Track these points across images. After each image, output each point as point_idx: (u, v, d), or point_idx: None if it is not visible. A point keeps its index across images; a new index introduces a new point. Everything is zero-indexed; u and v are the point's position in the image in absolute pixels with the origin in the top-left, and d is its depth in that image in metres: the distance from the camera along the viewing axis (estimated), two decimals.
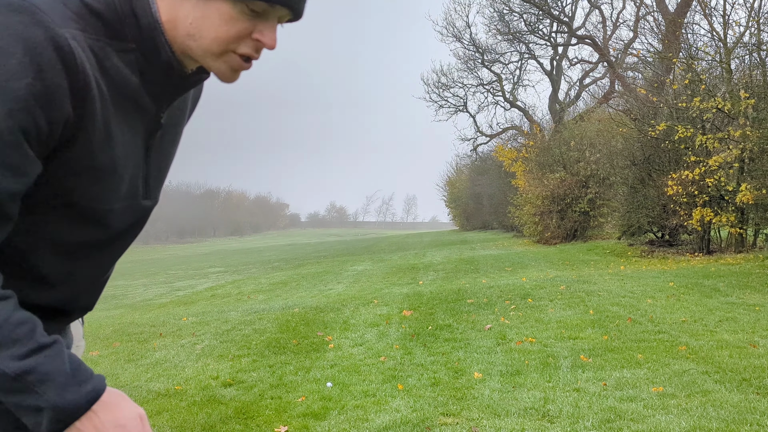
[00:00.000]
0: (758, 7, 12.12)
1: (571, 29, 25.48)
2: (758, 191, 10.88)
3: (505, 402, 3.92)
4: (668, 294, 7.61)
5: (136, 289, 15.22)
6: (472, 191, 35.39)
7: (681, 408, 3.64)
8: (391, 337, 6.08)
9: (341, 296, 9.71)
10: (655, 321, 6.08)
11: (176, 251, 53.66)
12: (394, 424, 3.63)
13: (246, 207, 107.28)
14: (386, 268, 14.92)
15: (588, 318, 6.38)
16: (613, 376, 4.33)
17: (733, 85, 12.26)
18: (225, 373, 5.00)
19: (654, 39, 18.91)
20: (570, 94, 29.42)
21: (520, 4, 25.48)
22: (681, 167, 12.98)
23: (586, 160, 19.92)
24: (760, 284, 8.19)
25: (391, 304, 8.18)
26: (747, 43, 12.37)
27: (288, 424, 3.74)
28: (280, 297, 10.58)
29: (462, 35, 29.89)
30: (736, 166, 12.24)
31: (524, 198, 21.14)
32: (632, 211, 14.73)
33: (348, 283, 12.18)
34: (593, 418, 3.54)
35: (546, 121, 28.59)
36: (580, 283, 9.00)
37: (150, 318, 8.80)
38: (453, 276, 11.83)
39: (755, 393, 3.83)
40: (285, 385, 4.59)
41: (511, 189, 23.95)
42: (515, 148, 24.39)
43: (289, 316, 7.67)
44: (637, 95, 16.00)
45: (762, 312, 6.31)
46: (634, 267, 11.41)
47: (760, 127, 11.40)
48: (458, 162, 41.90)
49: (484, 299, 7.93)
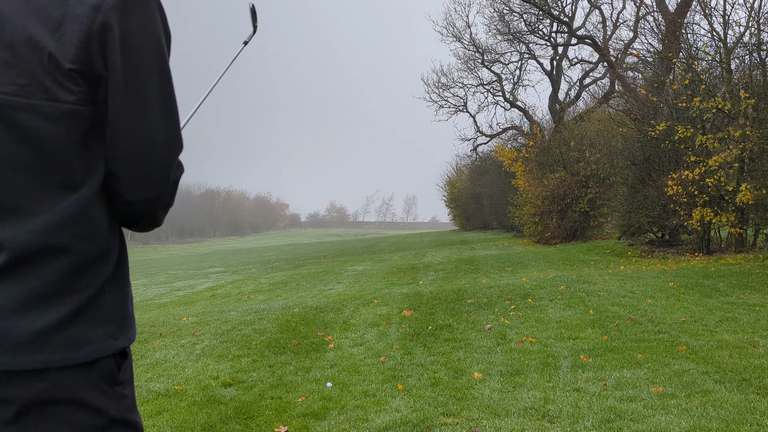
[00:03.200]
0: (758, 7, 12.13)
1: (571, 29, 25.46)
2: (758, 191, 10.89)
3: (505, 402, 3.92)
4: (668, 294, 7.61)
5: (136, 289, 15.22)
6: (472, 191, 35.39)
7: (681, 408, 3.64)
8: (391, 337, 6.08)
9: (341, 296, 9.71)
10: (655, 321, 6.08)
11: (176, 251, 53.68)
12: (394, 424, 3.63)
13: (246, 207, 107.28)
14: (386, 268, 14.93)
15: (588, 318, 6.38)
16: (613, 376, 4.33)
17: (733, 85, 12.26)
18: (225, 373, 5.00)
19: (654, 39, 18.90)
20: (570, 94, 29.39)
21: (520, 4, 25.48)
22: (681, 167, 12.98)
23: (586, 160, 19.93)
24: (760, 284, 8.19)
25: (391, 304, 8.18)
26: (747, 43, 12.37)
27: (288, 424, 3.74)
28: (280, 297, 10.58)
29: (462, 35, 29.91)
30: (736, 166, 12.25)
31: (524, 198, 21.15)
32: (632, 211, 14.74)
33: (348, 283, 12.18)
34: (593, 418, 3.54)
35: (546, 121, 28.59)
36: (580, 283, 9.00)
37: (150, 318, 8.80)
38: (453, 276, 11.83)
39: (755, 393, 3.83)
40: (285, 385, 4.59)
41: (511, 189, 23.96)
42: (515, 148, 24.39)
43: (289, 316, 7.66)
44: (637, 95, 16.00)
45: (762, 312, 6.31)
46: (634, 267, 11.41)
47: (760, 127, 11.40)
48: (458, 162, 41.97)
49: (484, 299, 7.93)
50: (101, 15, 1.07)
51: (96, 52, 1.08)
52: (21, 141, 1.07)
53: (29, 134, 1.07)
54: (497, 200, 28.83)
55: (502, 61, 29.59)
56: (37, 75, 1.06)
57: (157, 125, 1.16)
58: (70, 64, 1.06)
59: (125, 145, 1.14)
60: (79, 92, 1.08)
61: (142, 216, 1.22)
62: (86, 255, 1.12)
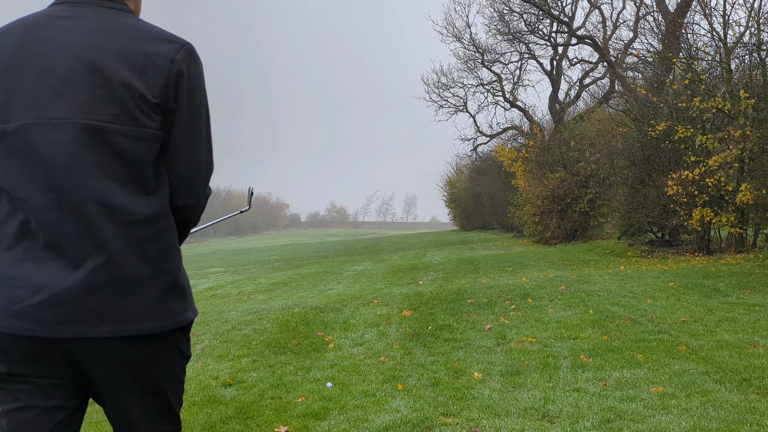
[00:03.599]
0: (758, 7, 12.12)
1: (571, 29, 25.46)
2: (758, 191, 10.89)
3: (505, 402, 3.92)
4: (668, 294, 7.61)
5: None
6: (472, 191, 35.38)
7: (681, 408, 3.64)
8: (391, 337, 6.08)
9: (341, 296, 9.71)
10: (655, 321, 6.08)
11: None
12: (394, 424, 3.63)
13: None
14: (386, 268, 14.92)
15: (588, 318, 6.38)
16: (613, 376, 4.33)
17: (733, 85, 12.26)
18: (225, 373, 5.00)
19: (654, 39, 18.90)
20: (570, 94, 29.38)
21: (520, 4, 25.46)
22: (681, 167, 12.98)
23: (586, 160, 19.92)
24: (760, 284, 8.19)
25: (391, 304, 8.18)
26: (747, 43, 12.36)
27: (288, 424, 3.74)
28: (280, 297, 10.58)
29: (462, 35, 29.91)
30: (736, 166, 12.24)
31: (524, 198, 21.15)
32: (632, 211, 14.74)
33: (348, 283, 12.18)
34: (593, 418, 3.54)
35: (546, 121, 28.57)
36: (580, 283, 9.00)
37: None
38: (453, 276, 11.83)
39: (755, 393, 3.83)
40: (285, 385, 4.59)
41: (511, 189, 23.95)
42: (515, 148, 24.38)
43: (289, 316, 7.66)
44: (637, 95, 16.00)
45: (762, 312, 6.31)
46: (634, 267, 11.41)
47: (760, 127, 11.40)
48: (458, 162, 41.95)
49: (484, 299, 7.93)
50: (176, 65, 1.52)
51: (171, 92, 1.52)
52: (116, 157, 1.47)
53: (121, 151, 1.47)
54: (497, 200, 28.83)
55: (502, 61, 29.60)
56: (128, 107, 1.47)
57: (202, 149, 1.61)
58: (154, 99, 1.49)
59: (181, 161, 1.58)
60: (158, 120, 1.51)
61: (183, 219, 1.65)
62: (168, 243, 1.55)
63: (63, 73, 1.46)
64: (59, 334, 1.43)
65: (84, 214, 1.45)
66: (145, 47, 1.51)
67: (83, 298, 1.43)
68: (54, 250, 1.44)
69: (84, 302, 1.43)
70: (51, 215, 1.44)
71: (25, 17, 1.57)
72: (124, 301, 1.46)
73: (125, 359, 1.49)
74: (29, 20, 1.55)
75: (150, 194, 1.51)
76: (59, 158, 1.44)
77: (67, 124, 1.45)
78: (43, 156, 1.45)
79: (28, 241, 1.46)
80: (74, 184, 1.44)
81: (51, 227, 1.44)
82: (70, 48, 1.48)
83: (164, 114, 1.52)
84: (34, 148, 1.45)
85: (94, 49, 1.48)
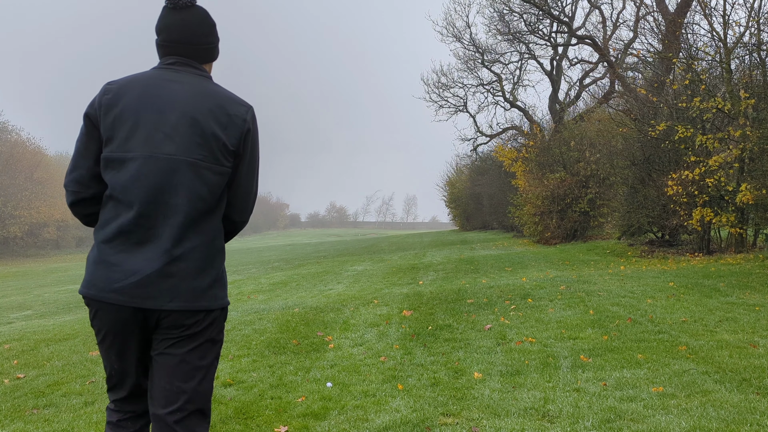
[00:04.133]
0: (758, 7, 12.11)
1: (571, 29, 25.44)
2: (758, 191, 10.89)
3: (505, 402, 3.92)
4: (668, 294, 7.61)
5: None
6: (472, 191, 35.39)
7: (681, 408, 3.64)
8: (391, 337, 6.08)
9: (341, 296, 9.71)
10: (655, 321, 6.08)
11: None
12: (394, 424, 3.63)
13: None
14: (386, 268, 14.92)
15: (588, 318, 6.38)
16: (613, 376, 4.33)
17: (733, 85, 12.26)
18: (225, 373, 5.00)
19: (654, 39, 18.89)
20: (570, 94, 29.36)
21: (520, 4, 25.46)
22: (681, 167, 12.98)
23: (586, 160, 19.92)
24: (760, 284, 8.19)
25: (391, 304, 8.18)
26: (747, 43, 12.36)
27: (288, 424, 3.74)
28: (280, 297, 10.58)
29: (462, 35, 29.89)
30: (736, 166, 12.24)
31: (524, 198, 21.15)
32: (632, 211, 14.74)
33: (348, 283, 12.18)
34: (593, 418, 3.54)
35: (546, 121, 28.56)
36: (580, 283, 9.00)
37: None
38: (453, 276, 11.83)
39: (755, 393, 3.83)
40: (285, 385, 4.59)
41: (511, 189, 23.96)
42: (515, 148, 24.37)
43: (289, 316, 7.66)
44: (637, 95, 15.99)
45: (762, 312, 6.31)
46: (634, 267, 11.41)
47: (760, 127, 11.40)
48: (458, 162, 41.96)
49: (484, 299, 7.93)
50: (247, 124, 2.22)
51: (242, 142, 2.20)
52: (204, 184, 2.12)
53: (207, 181, 2.12)
54: (497, 200, 28.83)
55: (502, 61, 29.58)
56: (214, 151, 2.14)
57: (254, 183, 2.30)
58: (232, 147, 2.18)
59: (240, 191, 2.26)
60: (231, 161, 2.19)
61: (235, 230, 2.35)
62: (219, 247, 2.19)
63: (172, 123, 2.10)
64: (146, 305, 2.04)
65: (168, 222, 2.06)
66: (227, 109, 2.18)
67: (161, 282, 2.04)
68: (143, 245, 2.06)
69: (162, 285, 2.04)
70: (146, 221, 2.06)
71: (141, 74, 2.19)
72: (188, 285, 2.08)
73: (185, 324, 2.10)
74: (146, 78, 2.17)
75: (214, 212, 2.17)
76: (162, 182, 2.06)
77: (173, 159, 2.08)
78: (150, 179, 2.06)
79: (123, 237, 2.06)
80: (166, 200, 2.07)
81: (144, 229, 2.06)
82: (177, 104, 2.13)
83: (235, 157, 2.20)
84: (145, 173, 2.06)
85: (194, 108, 2.13)
